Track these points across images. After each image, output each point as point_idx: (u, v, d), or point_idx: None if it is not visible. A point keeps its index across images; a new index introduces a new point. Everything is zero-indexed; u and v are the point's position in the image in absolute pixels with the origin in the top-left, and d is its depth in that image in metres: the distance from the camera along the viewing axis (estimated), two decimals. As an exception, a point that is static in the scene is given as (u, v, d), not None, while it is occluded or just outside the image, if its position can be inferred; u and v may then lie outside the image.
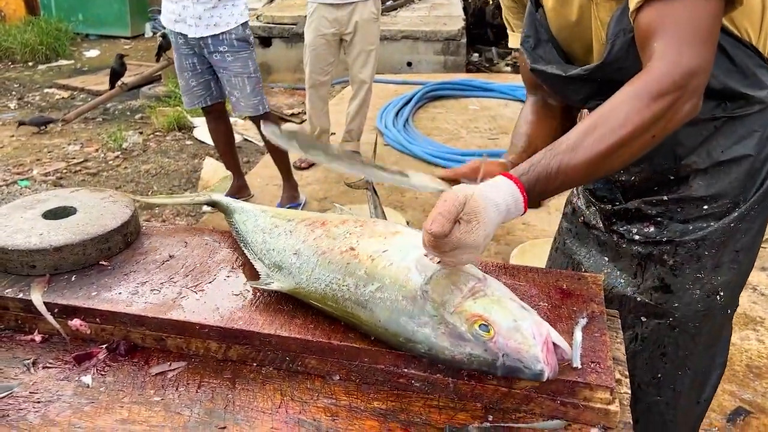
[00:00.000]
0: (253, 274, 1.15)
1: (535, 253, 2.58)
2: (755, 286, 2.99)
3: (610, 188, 1.35)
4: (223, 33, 3.40)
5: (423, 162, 4.48)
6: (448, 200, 0.88)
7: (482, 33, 8.17)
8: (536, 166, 0.97)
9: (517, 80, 6.19)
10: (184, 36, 3.47)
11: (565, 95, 1.30)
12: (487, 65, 7.49)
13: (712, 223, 1.21)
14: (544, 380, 0.86)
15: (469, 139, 4.87)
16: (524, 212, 0.97)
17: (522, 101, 5.73)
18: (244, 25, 3.46)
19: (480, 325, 0.88)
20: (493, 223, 0.91)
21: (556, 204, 3.83)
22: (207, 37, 3.42)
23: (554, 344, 0.88)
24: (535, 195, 0.97)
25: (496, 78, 6.37)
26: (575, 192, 1.48)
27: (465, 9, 7.71)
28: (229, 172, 4.30)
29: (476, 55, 7.72)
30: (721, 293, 1.25)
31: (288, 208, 3.88)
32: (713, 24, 0.98)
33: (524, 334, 0.87)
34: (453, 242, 0.87)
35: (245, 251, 1.19)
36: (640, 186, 1.27)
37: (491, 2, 8.18)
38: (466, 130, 5.06)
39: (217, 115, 3.83)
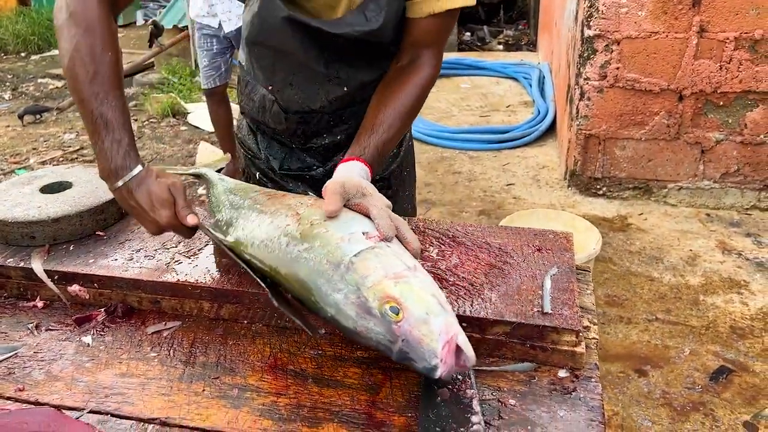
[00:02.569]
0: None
1: (521, 222, 2.64)
2: (740, 251, 3.07)
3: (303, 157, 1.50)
4: None
5: (415, 140, 4.53)
6: (329, 188, 1.03)
7: (474, 12, 8.17)
8: (369, 146, 1.19)
9: (508, 58, 6.22)
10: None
11: (307, 51, 1.30)
12: (479, 44, 7.51)
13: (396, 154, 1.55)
14: (436, 377, 0.85)
15: (460, 117, 4.92)
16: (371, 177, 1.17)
17: (513, 78, 5.76)
18: None
19: (391, 307, 0.87)
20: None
21: (546, 178, 3.89)
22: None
23: (458, 347, 0.85)
24: (377, 164, 1.20)
25: (487, 56, 6.40)
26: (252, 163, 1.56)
27: (456, -12, 7.71)
28: (228, 154, 4.36)
29: (468, 34, 7.74)
30: (412, 204, 1.68)
31: None
32: None
33: (431, 328, 0.86)
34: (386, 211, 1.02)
35: (208, 214, 1.22)
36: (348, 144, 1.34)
37: (482, -19, 8.18)
38: (458, 108, 5.10)
39: (220, 98, 3.92)
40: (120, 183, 1.03)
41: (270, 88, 1.37)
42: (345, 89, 1.36)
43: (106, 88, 1.03)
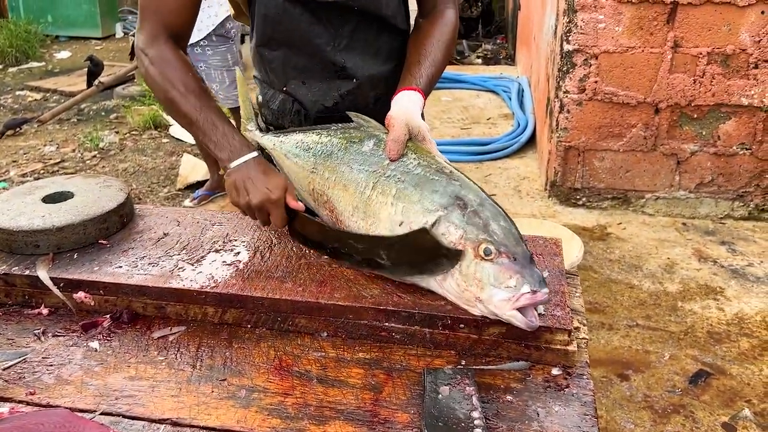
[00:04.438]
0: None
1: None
2: (716, 259, 3.16)
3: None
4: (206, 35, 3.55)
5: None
6: (396, 127, 1.19)
7: (453, 26, 8.28)
8: (419, 74, 1.33)
9: (488, 71, 6.33)
10: None
11: (315, 36, 1.37)
12: (458, 58, 7.62)
13: None
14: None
15: (442, 129, 4.99)
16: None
17: (493, 91, 5.85)
18: (224, 21, 3.58)
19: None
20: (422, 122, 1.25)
21: (527, 189, 3.97)
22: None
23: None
24: (427, 94, 1.33)
25: (467, 70, 6.50)
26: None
27: (435, 3, 7.82)
28: (187, 173, 4.39)
29: (447, 48, 7.84)
30: None
31: (211, 195, 4.07)
32: None
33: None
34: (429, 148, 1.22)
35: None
36: None
37: (460, -4, 8.31)
38: (440, 120, 5.18)
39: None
40: (240, 161, 1.21)
41: (285, 89, 1.44)
42: (355, 81, 1.42)
43: (201, 100, 1.25)
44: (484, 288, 0.99)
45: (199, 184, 4.39)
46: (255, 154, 1.23)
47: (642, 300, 2.86)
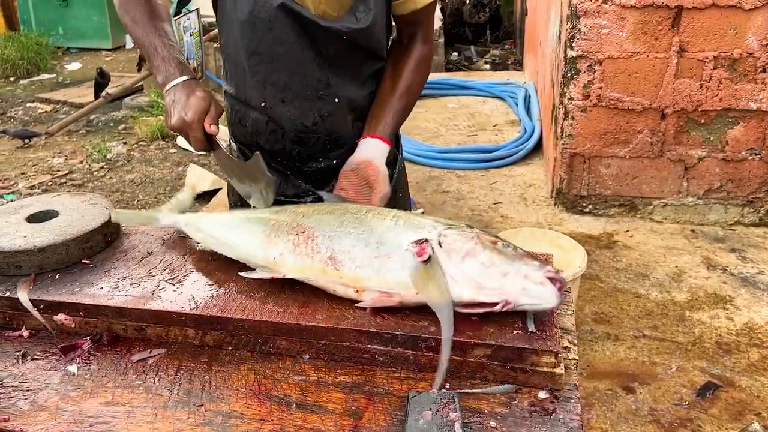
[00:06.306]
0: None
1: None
2: (725, 266, 3.10)
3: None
4: None
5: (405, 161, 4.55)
6: (381, 183, 1.35)
7: (460, 32, 8.28)
8: (388, 123, 1.43)
9: (495, 77, 6.29)
10: None
11: (302, 49, 1.36)
12: (467, 64, 7.59)
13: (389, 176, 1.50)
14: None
15: (448, 137, 4.96)
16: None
17: (499, 98, 5.80)
18: None
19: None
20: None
21: (533, 196, 3.93)
22: None
23: None
24: (393, 138, 1.46)
25: (474, 76, 6.47)
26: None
27: (443, 9, 7.82)
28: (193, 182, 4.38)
29: (455, 54, 7.82)
30: None
31: None
32: None
33: None
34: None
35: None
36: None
37: (468, 2, 8.29)
38: (446, 128, 5.15)
39: None
40: (169, 86, 1.28)
41: (263, 105, 1.41)
42: (336, 101, 1.41)
43: (147, 27, 1.33)
44: (512, 263, 1.02)
45: (205, 194, 4.39)
46: (184, 78, 1.28)
47: (649, 310, 2.81)
